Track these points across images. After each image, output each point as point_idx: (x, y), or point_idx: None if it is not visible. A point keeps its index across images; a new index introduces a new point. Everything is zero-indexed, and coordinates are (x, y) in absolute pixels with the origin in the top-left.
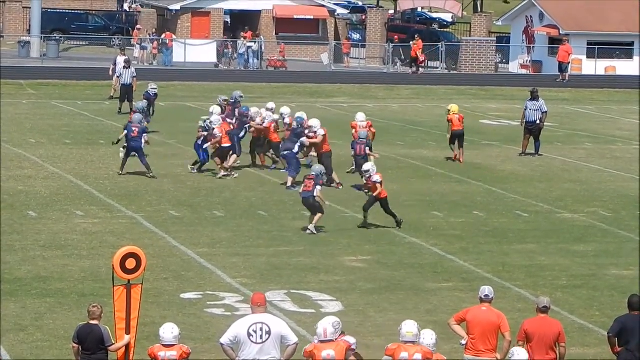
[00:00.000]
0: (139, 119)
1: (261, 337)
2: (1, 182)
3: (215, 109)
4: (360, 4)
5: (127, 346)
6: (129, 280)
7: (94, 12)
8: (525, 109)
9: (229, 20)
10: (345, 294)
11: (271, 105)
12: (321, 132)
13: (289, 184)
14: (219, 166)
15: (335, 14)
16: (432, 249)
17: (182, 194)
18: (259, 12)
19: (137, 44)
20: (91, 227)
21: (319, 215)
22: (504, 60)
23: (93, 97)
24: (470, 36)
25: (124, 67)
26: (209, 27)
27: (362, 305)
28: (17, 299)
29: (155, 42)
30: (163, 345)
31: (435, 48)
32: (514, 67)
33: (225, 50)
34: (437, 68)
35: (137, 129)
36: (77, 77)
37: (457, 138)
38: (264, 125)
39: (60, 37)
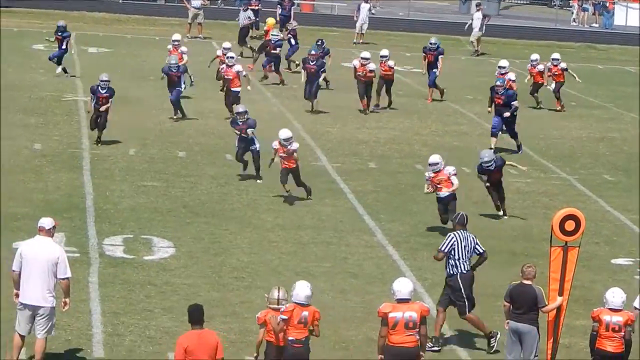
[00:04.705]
0: None
1: None
2: (437, 137)
3: None
4: None
5: (559, 308)
6: (566, 242)
7: None
8: None
9: None
10: None
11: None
12: None
13: None
14: None
15: None
16: None
17: (617, 158)
18: None
19: (577, 5)
20: (524, 187)
21: None
22: None
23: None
24: None
25: (243, 9)
26: None
27: None
28: None
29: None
30: (609, 309)
31: None
32: None
33: None
34: None
35: None
36: (516, 36)
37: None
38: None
39: None
